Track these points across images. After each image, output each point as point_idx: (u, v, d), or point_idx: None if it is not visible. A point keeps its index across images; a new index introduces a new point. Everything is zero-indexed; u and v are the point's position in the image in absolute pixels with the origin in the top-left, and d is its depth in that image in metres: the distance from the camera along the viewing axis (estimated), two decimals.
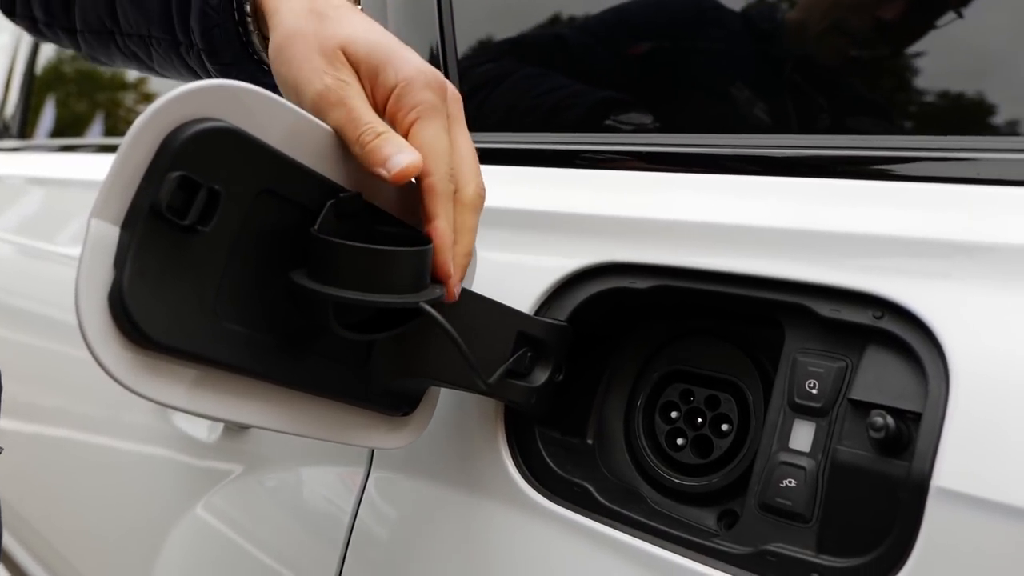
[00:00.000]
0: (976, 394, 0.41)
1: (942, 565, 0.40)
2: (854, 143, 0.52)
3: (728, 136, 0.58)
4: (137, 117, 0.39)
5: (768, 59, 0.61)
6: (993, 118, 0.51)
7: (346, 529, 0.68)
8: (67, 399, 1.28)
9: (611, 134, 0.67)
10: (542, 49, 0.76)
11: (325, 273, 0.43)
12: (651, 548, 0.50)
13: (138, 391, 0.39)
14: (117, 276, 0.38)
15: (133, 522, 1.08)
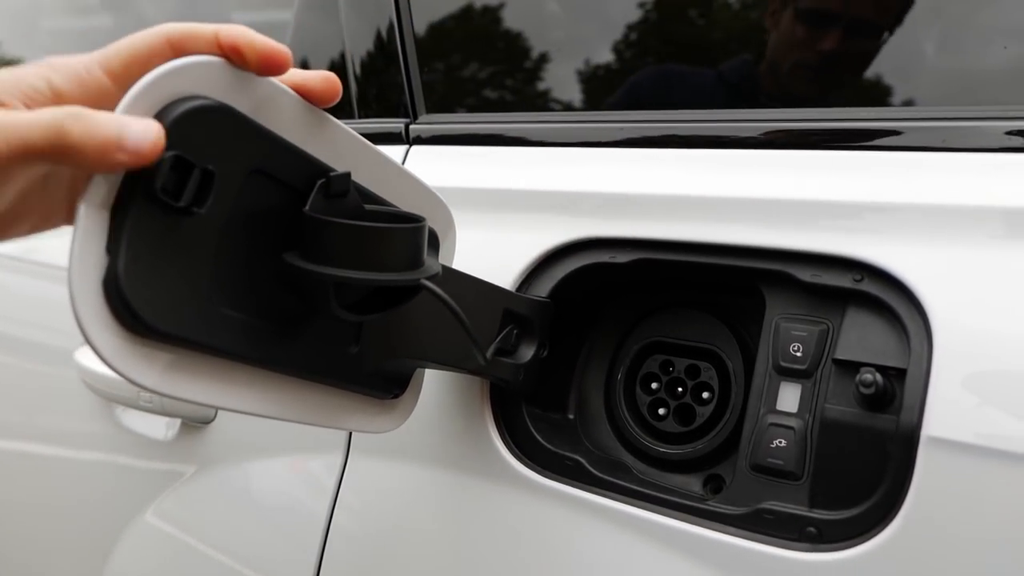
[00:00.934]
0: (958, 347, 0.43)
1: (936, 508, 0.42)
2: (828, 115, 0.54)
3: (704, 112, 0.59)
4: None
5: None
6: (958, 90, 0.54)
7: (324, 520, 0.67)
8: (7, 410, 1.22)
9: (592, 112, 0.68)
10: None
11: (321, 254, 0.42)
12: (650, 515, 0.51)
13: (135, 380, 0.38)
14: (111, 262, 0.36)
15: (80, 532, 1.03)
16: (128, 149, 0.34)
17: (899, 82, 0.55)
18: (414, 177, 0.54)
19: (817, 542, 0.46)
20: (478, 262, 0.59)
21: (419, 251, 0.45)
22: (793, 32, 0.59)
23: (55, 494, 1.08)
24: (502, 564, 0.57)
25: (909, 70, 0.55)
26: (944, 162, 0.48)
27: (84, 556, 0.99)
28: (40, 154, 0.34)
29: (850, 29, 0.58)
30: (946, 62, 0.54)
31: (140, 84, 0.37)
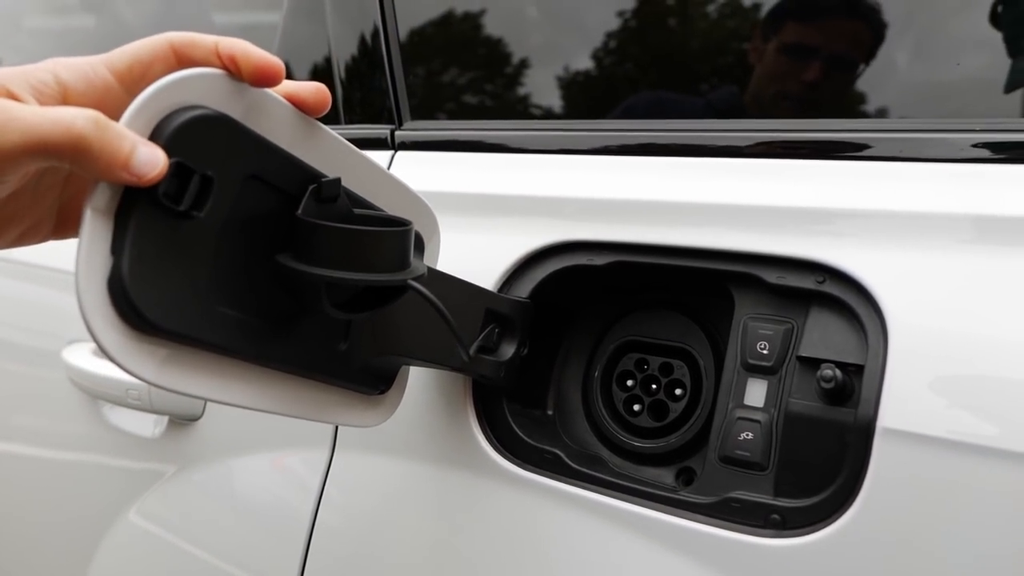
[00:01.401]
0: (911, 344, 0.46)
1: (890, 496, 0.45)
2: (794, 127, 0.57)
3: (677, 122, 0.62)
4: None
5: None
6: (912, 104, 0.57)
7: (310, 515, 0.69)
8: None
9: (571, 120, 0.70)
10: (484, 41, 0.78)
11: (313, 255, 0.44)
12: (624, 505, 0.54)
13: (140, 375, 0.40)
14: (116, 262, 0.38)
15: (64, 533, 1.04)
16: (133, 171, 0.37)
17: (869, 99, 0.58)
18: (400, 182, 0.56)
19: (781, 528, 0.49)
20: (462, 264, 0.62)
21: (406, 253, 0.47)
22: (776, 65, 0.62)
23: (40, 495, 1.09)
24: (484, 554, 0.59)
25: (878, 87, 0.58)
26: (903, 172, 0.51)
27: (69, 557, 1.00)
28: (54, 152, 0.36)
29: (829, 62, 0.61)
30: (909, 79, 0.58)
31: (145, 93, 0.39)
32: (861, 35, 0.61)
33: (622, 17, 0.69)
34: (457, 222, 0.64)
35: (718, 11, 0.67)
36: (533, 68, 0.75)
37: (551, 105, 0.72)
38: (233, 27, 1.24)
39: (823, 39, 0.62)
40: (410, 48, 0.79)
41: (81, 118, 0.36)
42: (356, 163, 0.51)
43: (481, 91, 0.78)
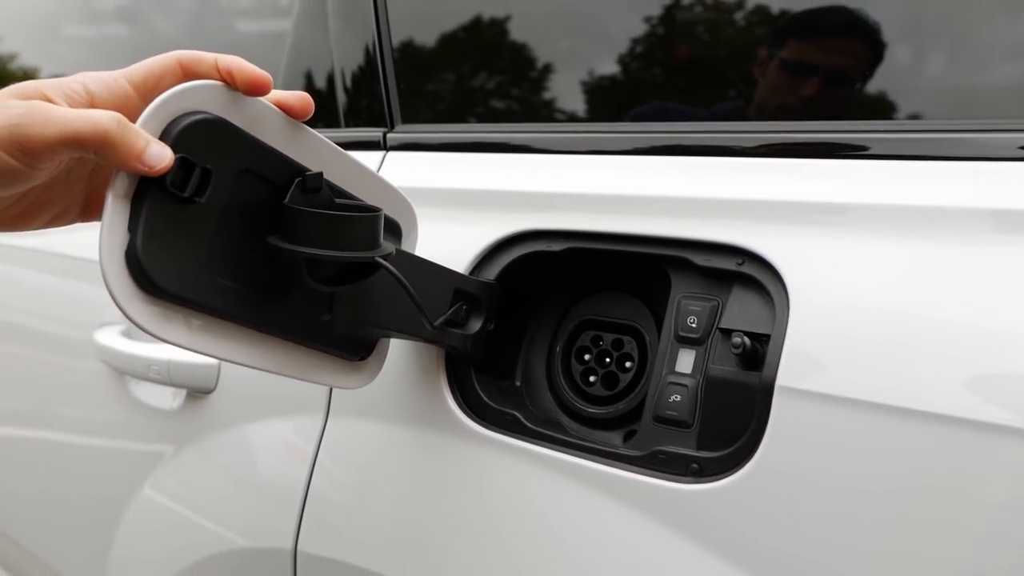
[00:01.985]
0: (809, 316, 0.53)
1: (785, 444, 0.52)
2: (720, 128, 0.65)
3: (621, 125, 0.69)
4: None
5: None
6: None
7: (305, 477, 0.78)
8: (23, 399, 1.32)
9: (533, 124, 0.78)
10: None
11: (297, 236, 0.53)
12: (569, 458, 0.62)
13: (151, 331, 0.48)
14: (131, 238, 0.47)
15: (86, 510, 1.13)
16: (145, 162, 0.46)
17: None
18: (381, 178, 0.65)
19: (699, 476, 0.56)
20: (439, 250, 0.70)
21: (376, 235, 0.56)
22: (777, 79, 0.69)
23: (67, 474, 1.18)
24: (453, 505, 0.67)
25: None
26: (811, 167, 0.59)
27: (95, 532, 1.09)
28: (84, 144, 0.45)
29: (826, 77, 0.67)
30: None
31: (156, 101, 0.48)
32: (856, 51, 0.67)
33: (594, 26, 0.77)
34: (436, 214, 0.72)
35: (693, 17, 0.74)
36: (510, 77, 0.84)
37: (521, 110, 0.80)
38: (253, 35, 1.34)
39: (819, 56, 0.68)
40: (401, 56, 0.88)
41: (107, 118, 0.45)
42: (339, 161, 0.60)
43: (465, 97, 0.86)
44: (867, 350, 0.51)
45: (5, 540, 1.37)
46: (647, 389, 0.66)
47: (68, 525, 1.20)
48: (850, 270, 0.54)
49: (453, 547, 0.67)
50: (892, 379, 0.49)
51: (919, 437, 0.48)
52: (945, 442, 0.47)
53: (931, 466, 0.48)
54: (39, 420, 1.26)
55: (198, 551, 0.90)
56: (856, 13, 0.64)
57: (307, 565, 0.77)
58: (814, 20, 0.68)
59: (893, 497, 0.49)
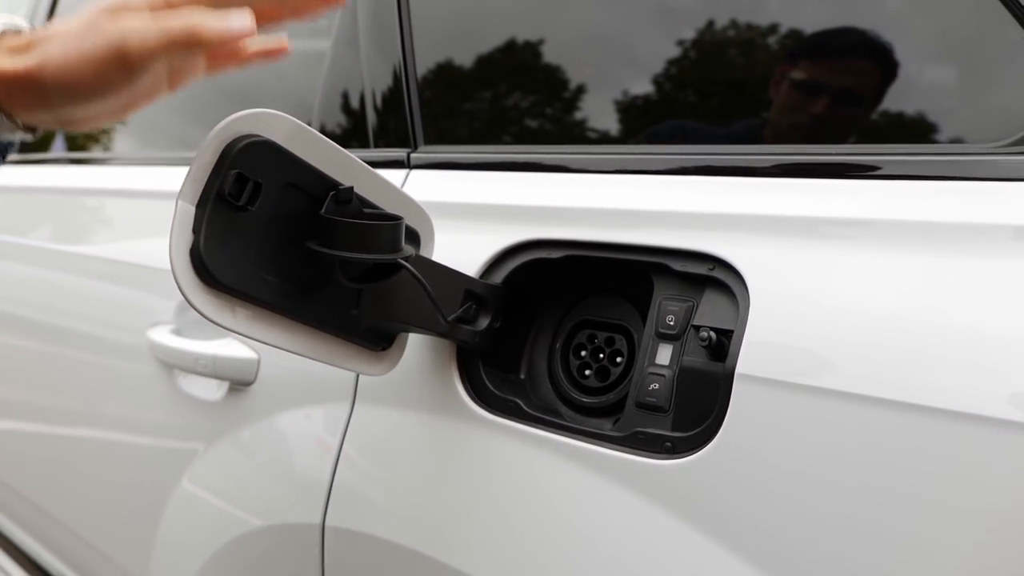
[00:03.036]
0: (765, 313, 0.62)
1: (743, 424, 0.61)
2: (700, 151, 0.74)
3: (616, 147, 0.79)
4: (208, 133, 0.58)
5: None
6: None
7: (334, 455, 0.88)
8: (65, 398, 1.42)
9: (537, 146, 0.88)
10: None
11: (332, 241, 0.63)
12: (563, 439, 0.71)
13: (209, 316, 0.59)
14: (196, 238, 0.57)
15: (134, 499, 1.23)
16: (231, 34, 0.56)
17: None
18: (404, 193, 0.75)
19: (672, 452, 0.65)
20: (452, 256, 0.80)
21: (398, 240, 0.65)
22: (789, 98, 0.75)
23: (117, 469, 1.28)
24: (465, 480, 0.76)
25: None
26: (777, 185, 0.67)
27: (141, 519, 1.19)
28: (178, 45, 0.57)
29: (835, 97, 0.74)
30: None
31: (218, 127, 0.58)
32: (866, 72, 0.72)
33: (603, 53, 0.86)
34: (451, 225, 0.82)
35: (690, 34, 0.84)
36: (523, 102, 0.94)
37: (528, 132, 0.90)
38: (295, 52, 1.44)
39: (829, 76, 0.73)
40: (424, 80, 0.98)
41: (189, 19, 0.57)
42: (368, 176, 0.70)
43: (479, 120, 0.96)
44: (813, 343, 0.59)
45: (60, 527, 1.48)
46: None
47: (117, 513, 1.30)
48: (803, 274, 0.62)
49: (464, 517, 0.76)
50: (834, 368, 0.58)
51: (859, 420, 0.56)
52: (879, 424, 0.56)
53: (863, 445, 0.56)
54: (92, 418, 1.36)
55: (233, 529, 1.00)
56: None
57: (334, 538, 0.87)
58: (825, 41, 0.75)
59: (835, 468, 0.57)
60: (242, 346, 0.99)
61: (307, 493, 0.90)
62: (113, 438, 1.32)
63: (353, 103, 1.08)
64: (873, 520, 0.54)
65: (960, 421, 0.52)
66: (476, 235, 0.82)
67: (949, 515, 0.52)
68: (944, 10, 0.67)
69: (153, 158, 1.52)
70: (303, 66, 1.32)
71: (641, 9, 0.85)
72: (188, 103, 1.35)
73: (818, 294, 0.60)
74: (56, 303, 1.47)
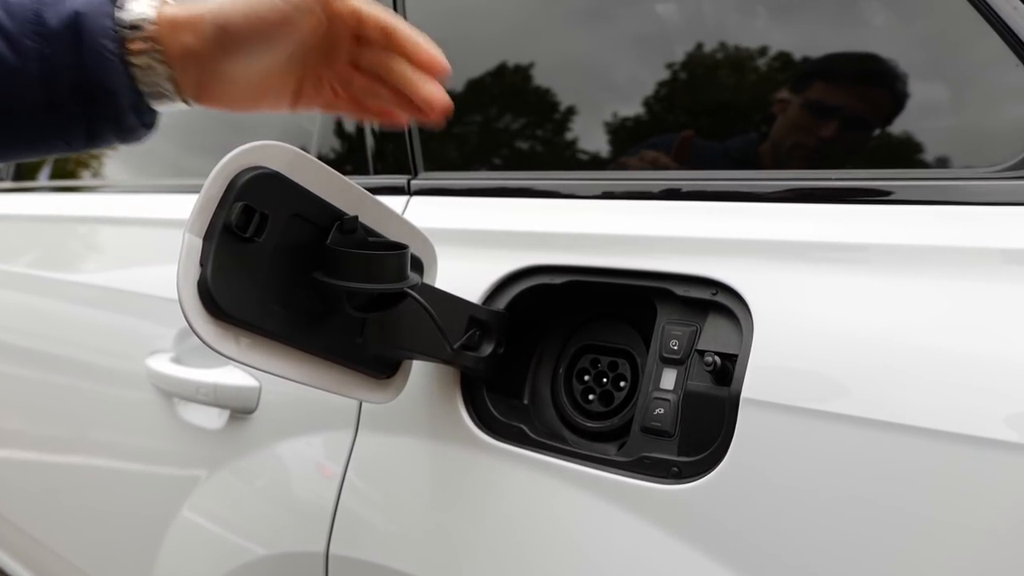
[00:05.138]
0: (769, 337, 0.62)
1: (749, 448, 0.61)
2: (699, 176, 0.75)
3: (616, 173, 0.80)
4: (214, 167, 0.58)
5: None
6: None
7: (337, 483, 0.87)
8: (62, 426, 1.41)
9: (537, 172, 0.89)
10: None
11: (338, 272, 0.63)
12: (569, 465, 0.71)
13: (215, 347, 0.59)
14: (203, 271, 0.57)
15: (132, 529, 1.22)
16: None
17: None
18: (406, 220, 0.75)
19: (678, 477, 0.65)
20: (455, 283, 0.80)
21: (404, 269, 0.66)
22: (798, 118, 0.75)
23: (115, 498, 1.27)
24: (470, 506, 0.76)
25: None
26: (778, 210, 0.68)
27: (139, 549, 1.18)
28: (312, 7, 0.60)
29: (846, 122, 0.75)
30: None
31: (224, 160, 0.58)
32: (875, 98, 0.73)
33: (604, 76, 0.87)
34: (453, 251, 0.82)
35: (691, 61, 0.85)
36: (523, 129, 0.95)
37: (529, 158, 0.91)
38: None
39: (842, 100, 0.74)
40: None
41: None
42: (370, 205, 0.70)
43: (479, 146, 0.97)
44: (818, 367, 0.60)
45: (57, 558, 1.46)
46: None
47: (115, 545, 1.29)
48: (805, 299, 0.63)
49: (469, 544, 0.76)
50: (838, 391, 0.58)
51: (867, 441, 0.57)
52: (883, 446, 0.56)
53: (876, 469, 0.56)
54: (90, 447, 1.35)
55: (236, 558, 0.99)
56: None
57: (338, 566, 0.86)
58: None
59: (843, 494, 0.57)
60: (243, 374, 0.99)
61: (310, 521, 0.89)
62: (111, 466, 1.31)
63: (351, 129, 1.09)
64: (885, 545, 0.54)
65: (974, 445, 0.52)
66: (478, 261, 0.82)
67: (965, 538, 0.52)
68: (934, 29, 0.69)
69: (146, 185, 1.52)
70: None
71: (652, 29, 0.86)
72: (179, 129, 1.36)
73: (822, 318, 0.61)
74: (52, 331, 1.46)
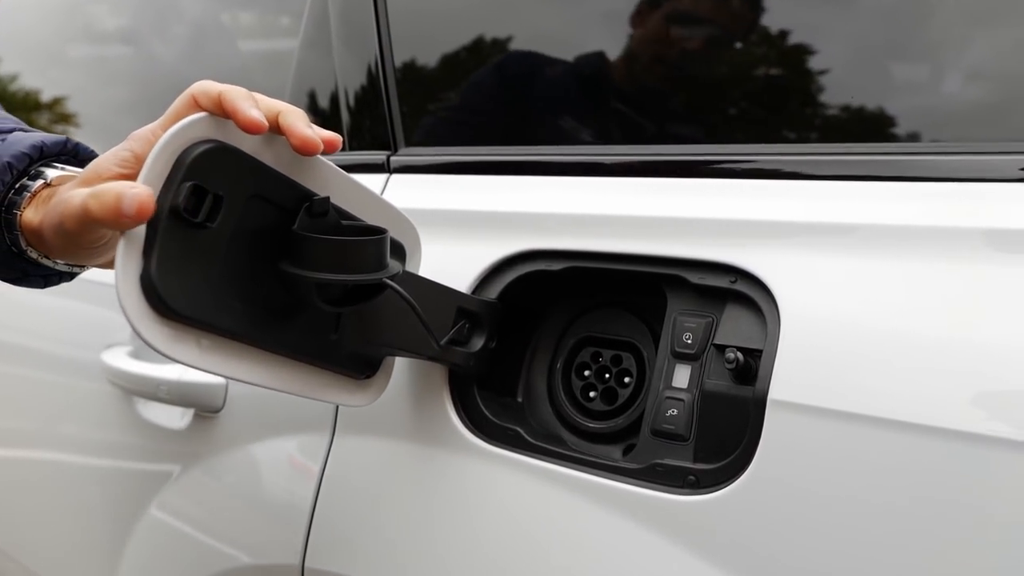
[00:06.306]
0: (799, 331, 0.55)
1: (777, 455, 0.54)
2: (717, 150, 0.67)
3: (621, 147, 0.72)
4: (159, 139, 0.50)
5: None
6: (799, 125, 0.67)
7: (313, 490, 0.80)
8: (16, 419, 1.33)
9: (533, 147, 0.81)
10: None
11: (307, 261, 0.55)
12: (570, 471, 0.64)
13: (163, 351, 0.50)
14: (146, 262, 0.49)
15: (93, 530, 1.14)
16: (126, 214, 0.47)
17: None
18: (385, 201, 0.67)
19: (695, 487, 0.58)
20: (442, 270, 0.72)
21: (383, 257, 0.58)
22: (659, 31, 0.68)
23: (74, 497, 1.19)
24: (460, 517, 0.69)
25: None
26: (799, 188, 0.61)
27: (101, 553, 1.10)
28: (76, 225, 0.51)
29: (712, 36, 0.68)
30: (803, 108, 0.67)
31: (167, 134, 0.50)
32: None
33: (587, 48, 0.79)
34: (439, 235, 0.74)
35: None
36: (513, 100, 0.86)
37: (523, 133, 0.83)
38: (258, 54, 1.36)
39: (710, 12, 0.68)
40: (405, 78, 0.90)
41: (86, 193, 0.49)
42: (344, 184, 0.62)
43: (466, 121, 0.88)
44: (859, 364, 0.52)
45: (9, 561, 1.38)
46: (645, 404, 0.68)
47: (75, 546, 1.21)
48: (838, 287, 0.56)
49: (460, 560, 0.68)
50: (880, 392, 0.51)
51: (910, 448, 0.50)
52: (937, 454, 0.49)
53: (923, 477, 0.49)
54: (46, 441, 1.27)
55: (206, 569, 0.92)
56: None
57: None
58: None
59: (885, 508, 0.50)
60: None
61: (284, 532, 0.82)
62: (71, 464, 1.22)
63: (324, 104, 1.00)
64: (942, 566, 0.48)
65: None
66: (467, 246, 0.74)
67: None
68: None
69: None
70: (267, 67, 1.24)
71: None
72: (144, 108, 1.26)
73: (860, 310, 0.54)
74: (10, 320, 1.37)
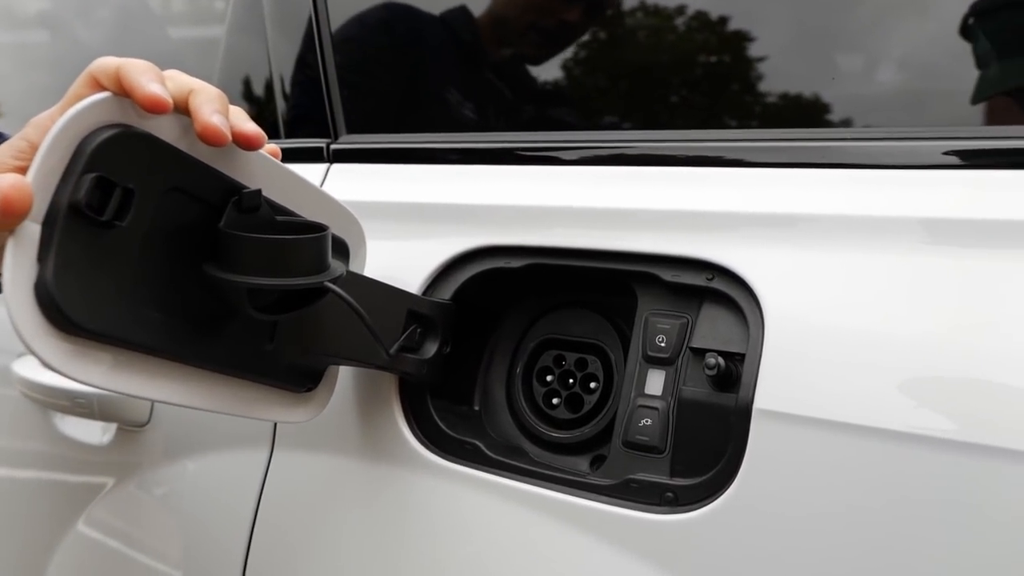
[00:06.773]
0: (785, 334, 0.51)
1: (765, 470, 0.49)
2: (686, 137, 0.62)
3: (586, 133, 0.66)
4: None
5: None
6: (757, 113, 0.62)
7: (250, 513, 0.72)
8: None
9: (488, 132, 0.74)
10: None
11: (237, 263, 0.48)
12: (535, 489, 0.58)
13: (66, 373, 0.43)
14: (41, 269, 0.41)
15: (10, 549, 1.05)
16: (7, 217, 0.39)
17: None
18: (325, 193, 0.60)
19: (674, 505, 0.53)
20: (389, 269, 0.66)
21: (323, 257, 0.51)
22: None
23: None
24: (413, 540, 0.63)
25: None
26: (779, 177, 0.56)
27: (23, 572, 1.01)
28: None
29: (593, 7, 0.63)
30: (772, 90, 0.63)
31: (67, 116, 0.42)
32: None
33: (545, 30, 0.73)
34: (386, 229, 0.68)
35: None
36: (459, 82, 0.80)
37: (474, 117, 0.76)
38: (187, 41, 1.27)
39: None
40: (346, 58, 0.83)
41: None
42: (279, 175, 0.55)
43: (413, 104, 0.82)
44: (854, 370, 0.48)
45: None
46: (615, 412, 0.62)
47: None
48: (826, 284, 0.51)
49: None
50: (875, 399, 0.47)
51: (906, 459, 0.46)
52: (932, 464, 0.45)
53: (918, 490, 0.45)
54: None
55: None
56: None
57: None
58: None
59: (879, 524, 0.46)
60: None
61: (218, 559, 0.74)
62: None
63: (257, 90, 0.92)
64: None
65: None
66: (417, 241, 0.68)
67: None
68: None
69: None
70: (195, 54, 1.16)
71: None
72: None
73: (852, 310, 0.49)
74: None
